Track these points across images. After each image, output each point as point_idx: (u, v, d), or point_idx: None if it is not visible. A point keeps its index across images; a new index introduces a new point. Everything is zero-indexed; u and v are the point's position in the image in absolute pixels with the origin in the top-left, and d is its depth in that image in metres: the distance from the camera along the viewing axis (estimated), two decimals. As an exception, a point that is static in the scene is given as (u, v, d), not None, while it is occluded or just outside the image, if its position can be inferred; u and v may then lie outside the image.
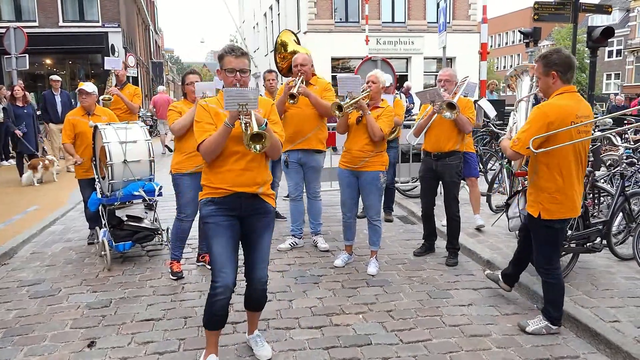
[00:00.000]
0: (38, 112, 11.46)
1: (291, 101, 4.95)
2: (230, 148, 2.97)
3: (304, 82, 5.11)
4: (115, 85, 7.27)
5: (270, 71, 6.82)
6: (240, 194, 3.02)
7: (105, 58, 7.97)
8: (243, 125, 2.78)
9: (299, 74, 5.08)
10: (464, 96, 5.04)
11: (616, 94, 26.91)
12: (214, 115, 2.98)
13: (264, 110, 3.05)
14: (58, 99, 10.83)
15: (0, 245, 5.47)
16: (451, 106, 4.54)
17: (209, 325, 3.07)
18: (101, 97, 6.65)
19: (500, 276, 4.12)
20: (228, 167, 3.00)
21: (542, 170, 3.40)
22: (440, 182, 5.10)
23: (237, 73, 2.96)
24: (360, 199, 4.92)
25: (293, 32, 6.99)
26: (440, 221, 5.72)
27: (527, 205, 3.57)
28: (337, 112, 4.49)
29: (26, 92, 10.77)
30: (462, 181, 5.98)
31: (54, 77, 11.10)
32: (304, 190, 5.57)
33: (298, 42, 6.82)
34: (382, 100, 4.78)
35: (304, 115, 5.17)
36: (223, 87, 3.08)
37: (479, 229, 5.87)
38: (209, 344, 3.13)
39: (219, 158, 2.98)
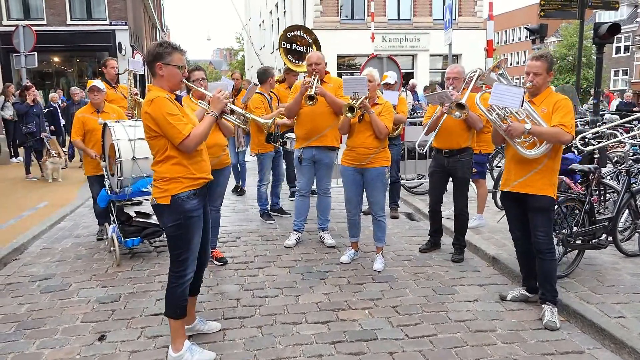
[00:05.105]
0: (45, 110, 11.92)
1: (310, 102, 4.90)
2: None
3: (319, 81, 5.05)
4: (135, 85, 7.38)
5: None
6: (208, 182, 3.21)
7: (129, 59, 8.06)
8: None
9: (314, 72, 5.03)
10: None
11: (623, 91, 26.70)
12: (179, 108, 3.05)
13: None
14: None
15: (12, 241, 5.55)
16: (460, 106, 4.53)
17: (180, 313, 3.12)
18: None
19: (526, 293, 4.03)
20: (203, 156, 3.17)
21: (555, 153, 3.64)
22: (450, 179, 5.11)
23: (185, 70, 3.15)
24: (364, 195, 4.96)
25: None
26: (445, 211, 5.72)
27: (537, 189, 3.65)
28: (349, 114, 4.48)
29: (35, 92, 10.87)
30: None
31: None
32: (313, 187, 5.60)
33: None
34: (379, 97, 4.83)
35: (319, 113, 5.13)
36: (183, 81, 3.23)
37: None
38: (181, 333, 3.15)
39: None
